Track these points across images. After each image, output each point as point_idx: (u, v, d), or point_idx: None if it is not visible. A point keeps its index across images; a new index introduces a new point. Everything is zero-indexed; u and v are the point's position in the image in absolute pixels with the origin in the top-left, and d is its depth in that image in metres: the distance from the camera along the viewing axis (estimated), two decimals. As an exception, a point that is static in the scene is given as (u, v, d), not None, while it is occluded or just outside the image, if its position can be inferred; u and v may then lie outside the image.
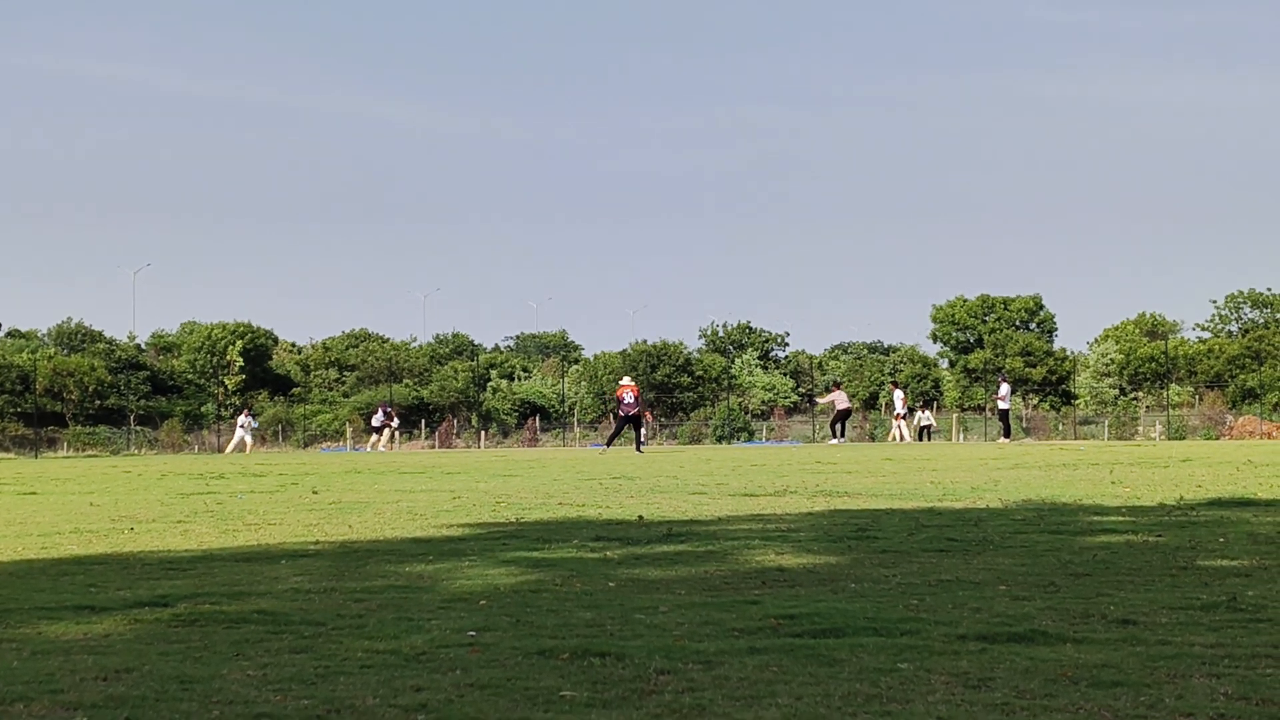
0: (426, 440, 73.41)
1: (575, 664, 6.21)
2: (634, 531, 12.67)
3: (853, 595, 8.31)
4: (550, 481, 21.50)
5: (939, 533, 12.10)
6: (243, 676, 6.04)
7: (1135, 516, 13.51)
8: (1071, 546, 10.83)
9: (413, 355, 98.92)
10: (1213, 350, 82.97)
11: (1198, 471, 21.32)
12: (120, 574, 9.97)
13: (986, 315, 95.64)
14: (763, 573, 9.50)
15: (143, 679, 6.01)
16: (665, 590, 8.65)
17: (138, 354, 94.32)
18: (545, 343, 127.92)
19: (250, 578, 9.62)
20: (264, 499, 18.35)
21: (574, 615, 7.61)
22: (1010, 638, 6.71)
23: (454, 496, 18.00)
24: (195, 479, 24.61)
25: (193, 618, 7.72)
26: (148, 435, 75.25)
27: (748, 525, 13.23)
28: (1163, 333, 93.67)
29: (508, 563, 10.28)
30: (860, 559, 10.23)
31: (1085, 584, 8.69)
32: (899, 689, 5.65)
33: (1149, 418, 71.75)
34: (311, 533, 13.18)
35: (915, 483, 19.58)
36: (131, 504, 17.83)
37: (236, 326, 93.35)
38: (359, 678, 5.99)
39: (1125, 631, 6.88)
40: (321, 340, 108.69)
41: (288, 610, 7.96)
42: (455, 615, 7.68)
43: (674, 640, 6.72)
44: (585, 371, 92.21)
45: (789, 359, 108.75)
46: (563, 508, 15.79)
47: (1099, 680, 5.75)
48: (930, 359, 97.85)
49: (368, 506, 16.43)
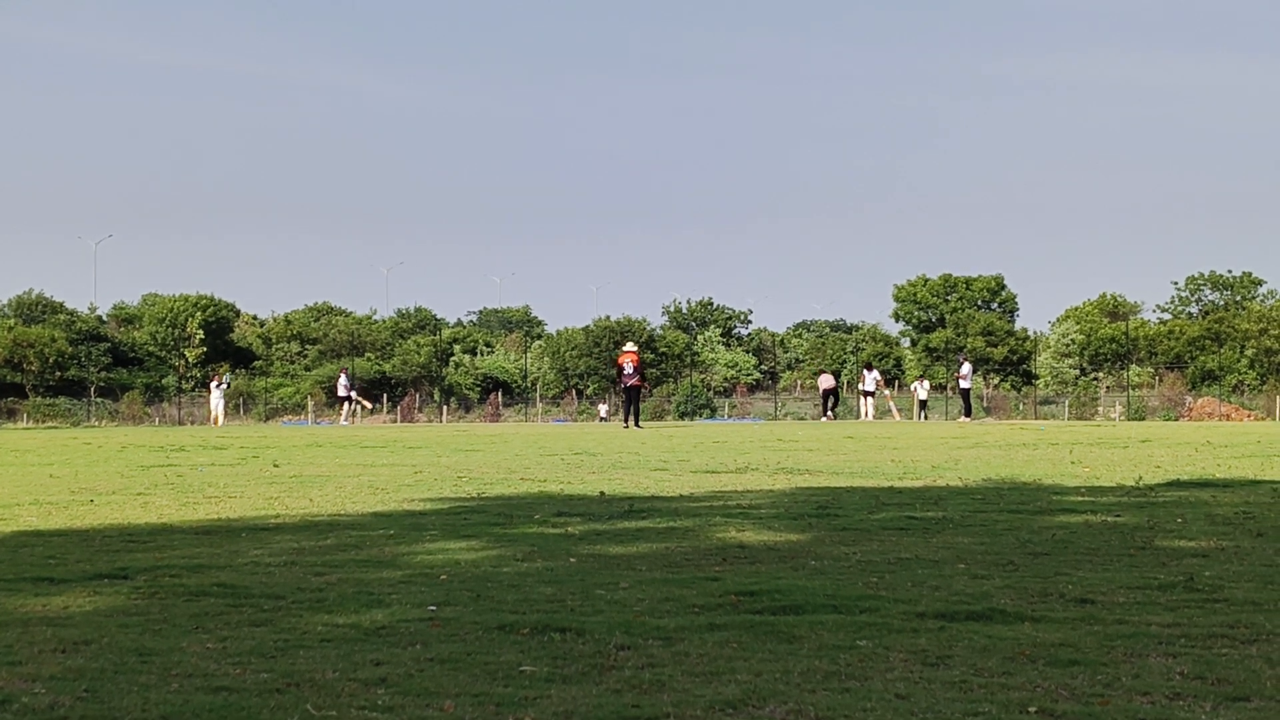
0: (389, 414, 73.28)
1: (535, 639, 6.22)
2: (595, 507, 12.68)
3: (813, 572, 8.33)
4: (512, 457, 21.50)
5: (899, 511, 12.14)
6: (202, 649, 6.03)
7: (1094, 496, 13.58)
8: (1031, 526, 10.88)
9: (375, 329, 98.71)
10: (1173, 332, 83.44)
11: (1157, 452, 21.43)
12: (79, 546, 9.93)
13: (949, 295, 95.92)
14: (723, 549, 9.51)
15: (101, 651, 6.00)
16: (626, 566, 8.66)
17: (99, 325, 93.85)
18: (508, 318, 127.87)
19: (210, 551, 9.60)
20: (225, 472, 18.30)
21: (535, 591, 7.61)
22: (969, 616, 6.74)
23: (416, 471, 17.98)
24: (156, 451, 24.52)
25: (152, 590, 7.70)
26: (108, 407, 74.95)
27: (709, 502, 13.26)
28: (1123, 314, 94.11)
29: (469, 537, 10.27)
30: (820, 536, 10.26)
31: (1044, 563, 8.74)
32: (858, 666, 5.67)
33: (1109, 398, 72.07)
34: (272, 506, 13.15)
35: (876, 461, 19.64)
36: (91, 476, 17.76)
37: (198, 299, 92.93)
38: (319, 651, 5.98)
39: (1083, 610, 6.92)
40: (284, 313, 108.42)
41: (248, 584, 7.94)
42: (416, 590, 7.68)
43: (634, 616, 6.73)
44: (548, 347, 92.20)
45: (751, 336, 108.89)
46: (525, 483, 15.79)
47: (1056, 659, 5.79)
48: (892, 338, 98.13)
49: (329, 480, 16.41)
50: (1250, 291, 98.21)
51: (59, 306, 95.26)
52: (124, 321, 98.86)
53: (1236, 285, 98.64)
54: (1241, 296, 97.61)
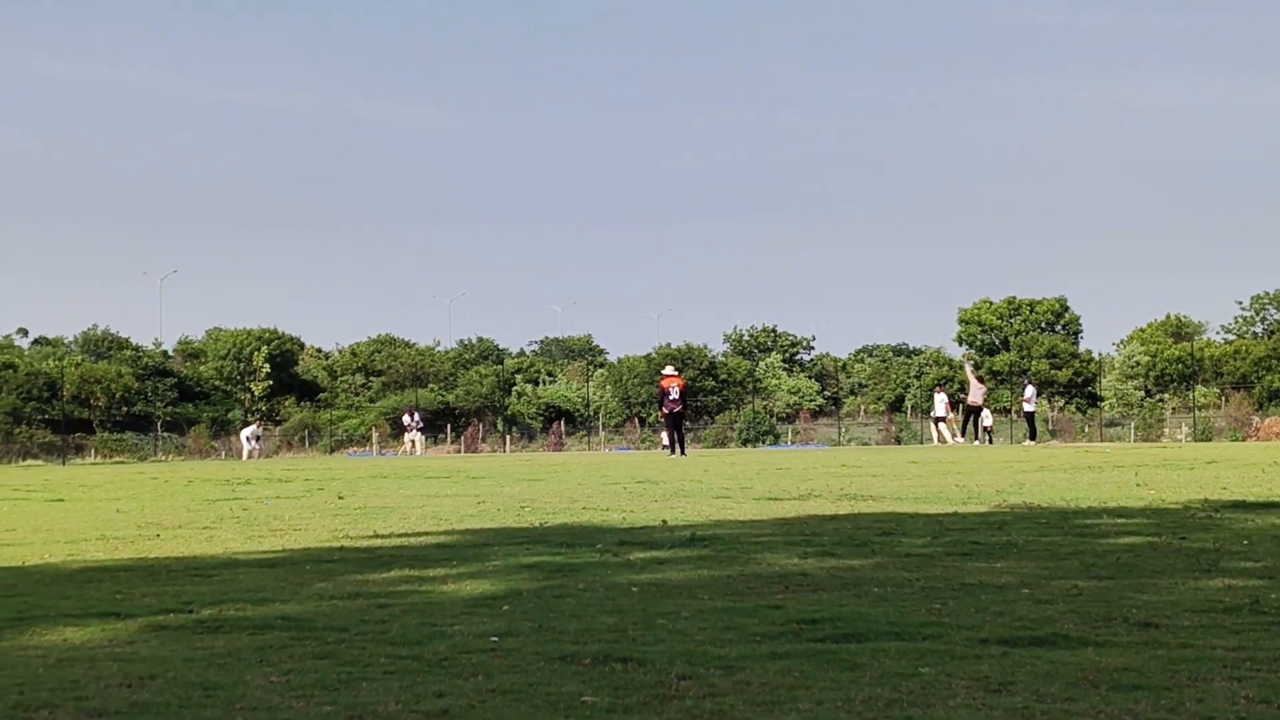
0: (452, 445, 73.50)
1: (597, 669, 6.23)
2: (657, 536, 12.68)
3: (875, 600, 8.31)
4: (574, 486, 21.53)
5: (962, 536, 12.09)
6: (266, 682, 6.06)
7: (1159, 519, 13.49)
8: (1095, 549, 10.82)
9: (438, 360, 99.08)
10: (1239, 351, 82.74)
11: (1223, 473, 21.26)
12: (146, 580, 10.01)
13: (1012, 317, 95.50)
14: (785, 577, 9.50)
15: (167, 685, 6.04)
16: (688, 595, 8.66)
17: (164, 360, 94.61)
18: (570, 347, 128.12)
19: (275, 583, 9.66)
20: (290, 504, 18.41)
21: (596, 620, 7.62)
22: (1032, 641, 6.71)
23: (479, 501, 18.03)
24: (222, 485, 24.70)
25: (217, 624, 7.76)
26: (174, 441, 75.54)
27: (771, 529, 13.24)
28: (1188, 334, 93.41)
29: (531, 567, 10.29)
30: (883, 563, 10.23)
31: (1108, 587, 8.68)
32: (920, 694, 5.66)
33: (1175, 419, 71.52)
34: (336, 538, 13.23)
35: (939, 486, 19.56)
36: (158, 510, 17.91)
37: (263, 332, 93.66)
38: (381, 683, 6.01)
39: (1147, 635, 6.88)
40: (348, 346, 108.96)
41: (311, 616, 7.99)
42: (478, 620, 7.70)
43: (696, 645, 6.73)
44: (610, 375, 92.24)
45: (814, 362, 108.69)
46: (586, 512, 15.81)
47: (1120, 684, 5.75)
48: (956, 361, 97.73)
49: (393, 511, 16.48)
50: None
51: (125, 342, 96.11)
52: (189, 356, 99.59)
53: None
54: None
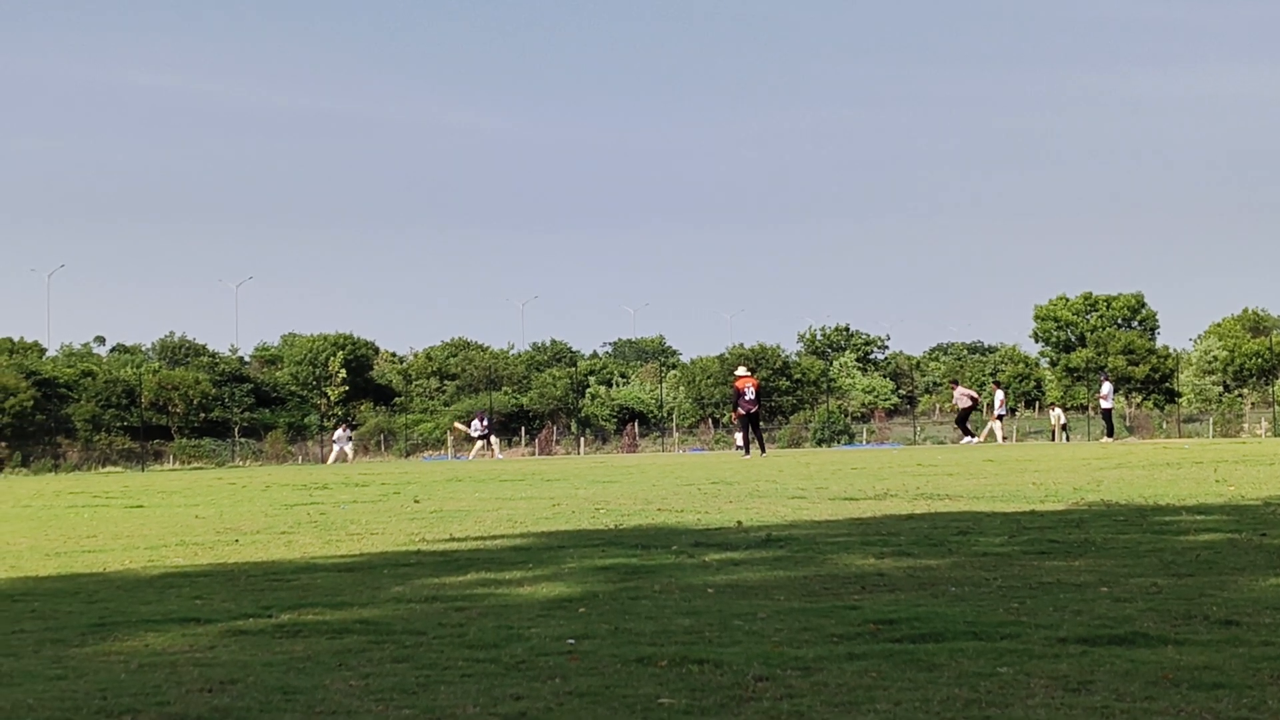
0: (526, 447, 73.70)
1: (673, 671, 6.23)
2: (733, 537, 12.67)
3: (952, 599, 8.27)
4: (649, 487, 21.53)
5: (1040, 534, 12.02)
6: (345, 686, 6.10)
7: (1239, 515, 13.36)
8: (1174, 546, 10.73)
9: (511, 363, 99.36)
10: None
11: (1304, 469, 21.04)
12: (225, 586, 10.09)
13: (1089, 313, 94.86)
14: (862, 577, 9.47)
15: (247, 690, 6.09)
16: (764, 596, 8.65)
17: (240, 366, 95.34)
18: (643, 348, 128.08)
19: (352, 587, 9.72)
20: (367, 509, 18.51)
21: (672, 622, 7.63)
22: (1111, 640, 6.66)
23: (553, 503, 18.07)
24: (299, 490, 24.85)
25: (296, 628, 7.81)
26: (252, 447, 76.08)
27: (847, 529, 13.20)
28: (1266, 328, 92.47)
29: (606, 569, 10.31)
30: (960, 562, 10.19)
31: (1188, 584, 8.61)
32: (998, 693, 5.63)
33: (1254, 415, 70.84)
34: (413, 541, 13.29)
35: (1017, 484, 19.44)
36: (236, 516, 18.04)
37: (338, 338, 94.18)
38: (459, 686, 6.03)
39: (1228, 633, 6.82)
40: (422, 350, 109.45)
41: (389, 619, 8.03)
42: (554, 623, 7.72)
43: (772, 646, 6.73)
44: (683, 376, 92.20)
45: (888, 360, 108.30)
46: (661, 513, 15.81)
47: (1200, 682, 5.70)
48: (1031, 359, 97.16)
49: (468, 514, 16.54)
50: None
51: (202, 349, 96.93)
52: (266, 362, 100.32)
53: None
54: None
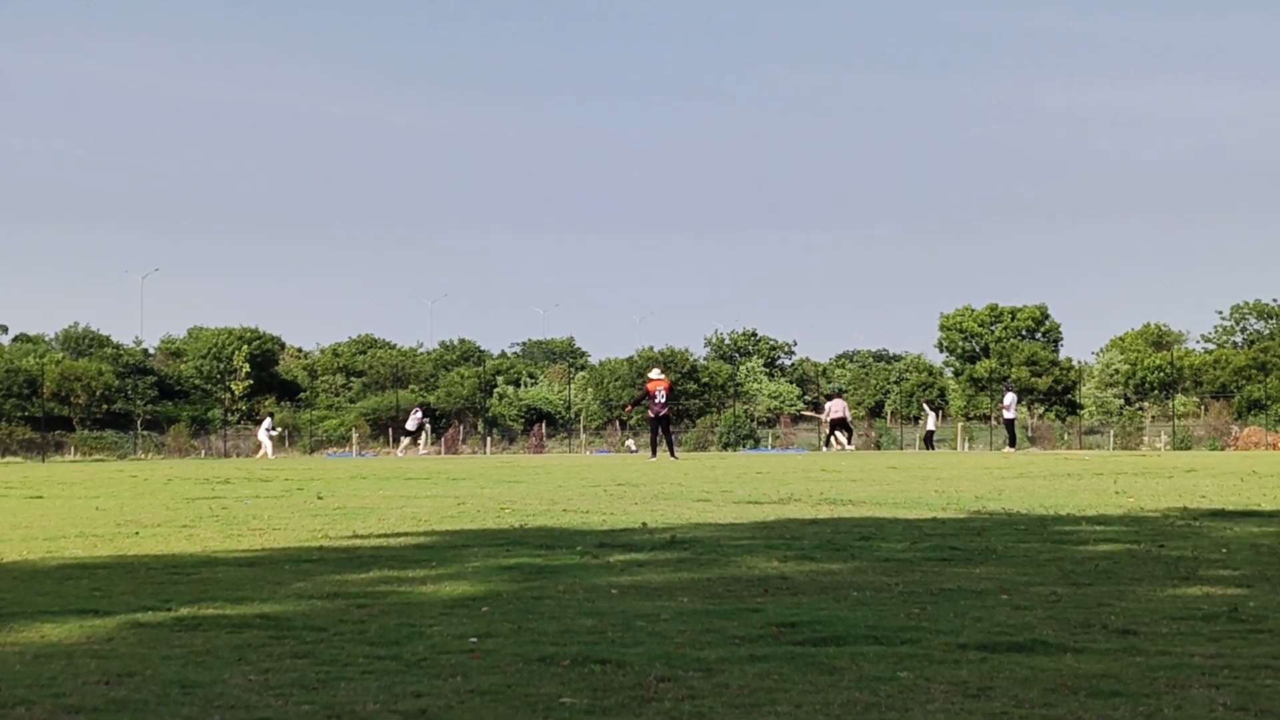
0: (433, 446, 73.46)
1: (576, 671, 6.22)
2: (637, 538, 12.69)
3: (854, 604, 8.32)
4: (555, 488, 21.52)
5: (942, 541, 12.12)
6: (244, 681, 6.05)
7: (1138, 526, 13.52)
8: (1074, 556, 10.85)
9: (419, 361, 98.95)
10: (1219, 361, 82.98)
11: (1202, 482, 21.32)
12: (124, 578, 9.99)
13: (993, 324, 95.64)
14: (765, 580, 9.51)
15: (145, 683, 6.03)
16: (667, 597, 8.67)
17: (145, 359, 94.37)
18: (552, 349, 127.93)
19: (254, 582, 9.64)
20: (269, 504, 18.38)
21: (575, 622, 7.62)
22: (1010, 647, 6.72)
23: (459, 502, 18.02)
24: (201, 484, 24.64)
25: (196, 622, 7.74)
26: (154, 440, 75.32)
27: (751, 533, 13.24)
28: (1168, 343, 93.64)
29: (510, 569, 10.29)
30: (862, 567, 10.25)
31: (1087, 593, 8.71)
32: (898, 697, 5.66)
33: (1154, 428, 71.70)
34: (316, 538, 13.21)
35: (919, 491, 19.59)
36: (137, 508, 17.86)
37: (244, 332, 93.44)
38: (360, 683, 6.00)
39: (1125, 641, 6.89)
40: (329, 346, 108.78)
41: (290, 615, 7.98)
42: (457, 621, 7.70)
43: (675, 647, 6.74)
44: (591, 378, 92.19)
45: (795, 366, 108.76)
46: (566, 514, 15.81)
47: (1098, 690, 5.76)
48: (936, 368, 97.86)
49: (372, 512, 16.46)
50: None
51: (106, 340, 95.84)
52: (170, 355, 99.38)
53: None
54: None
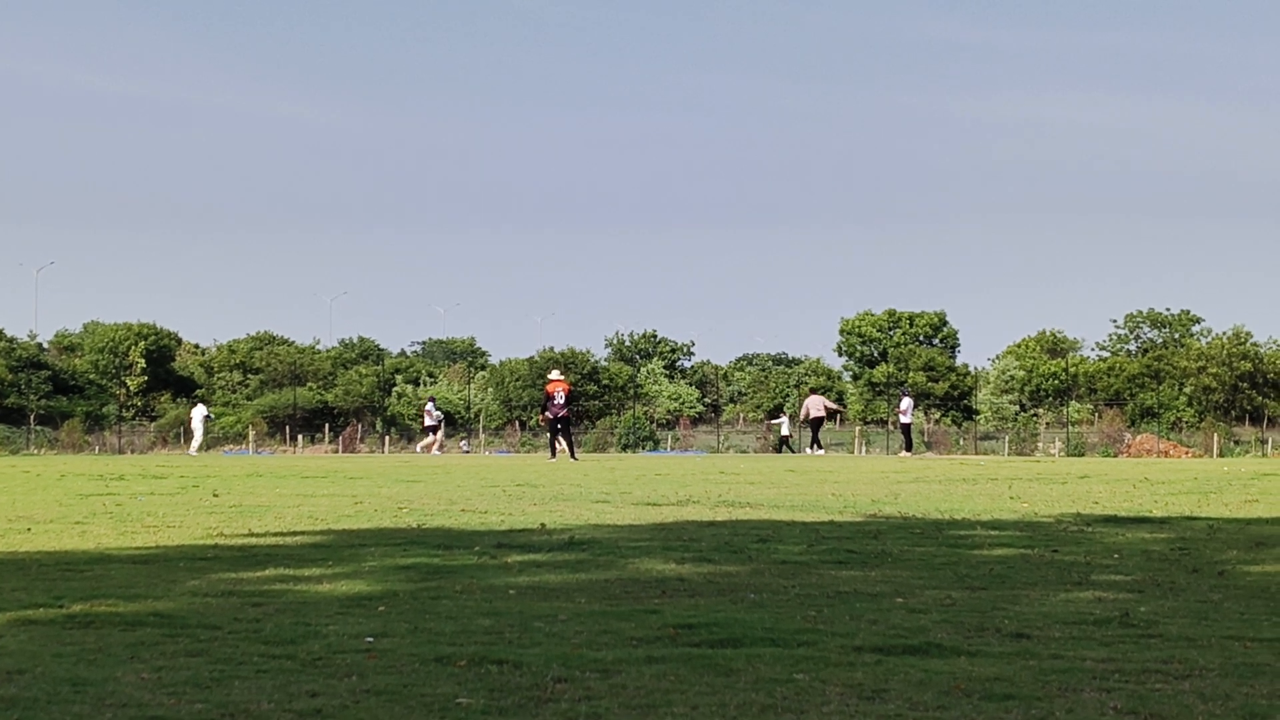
0: (330, 444, 72.97)
1: (473, 671, 6.21)
2: (536, 539, 12.67)
3: (751, 606, 8.35)
4: (454, 488, 21.45)
5: (839, 545, 12.19)
6: (137, 679, 5.99)
7: (1032, 531, 13.66)
8: (969, 560, 10.94)
9: (317, 359, 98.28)
10: (1113, 369, 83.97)
11: (1095, 488, 21.57)
12: (16, 575, 9.86)
13: (892, 329, 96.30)
14: (663, 582, 9.53)
15: (35, 681, 5.96)
16: (565, 598, 8.66)
17: (39, 353, 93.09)
18: (452, 349, 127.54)
19: (147, 580, 9.55)
20: (164, 501, 18.19)
21: (473, 622, 7.60)
22: (905, 650, 6.77)
23: (356, 501, 17.92)
24: (95, 480, 24.36)
25: (88, 619, 7.65)
26: (48, 435, 74.33)
27: (649, 534, 13.26)
28: (1063, 350, 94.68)
29: (407, 568, 10.25)
30: (759, 569, 10.29)
31: (981, 597, 8.78)
32: (794, 700, 5.69)
33: (1049, 434, 72.44)
34: (211, 536, 13.09)
35: (817, 494, 19.68)
36: (29, 504, 17.63)
37: (140, 327, 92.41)
38: (254, 682, 5.96)
39: (1019, 645, 6.96)
40: (226, 342, 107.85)
41: (184, 613, 7.90)
42: (353, 620, 7.66)
43: (572, 648, 6.73)
44: (492, 378, 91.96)
45: (695, 369, 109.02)
46: (465, 514, 15.76)
47: (991, 693, 5.82)
48: (834, 372, 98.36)
49: (268, 510, 16.34)
50: (1188, 329, 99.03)
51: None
52: (65, 349, 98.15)
53: (1175, 323, 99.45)
54: (1180, 334, 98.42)
